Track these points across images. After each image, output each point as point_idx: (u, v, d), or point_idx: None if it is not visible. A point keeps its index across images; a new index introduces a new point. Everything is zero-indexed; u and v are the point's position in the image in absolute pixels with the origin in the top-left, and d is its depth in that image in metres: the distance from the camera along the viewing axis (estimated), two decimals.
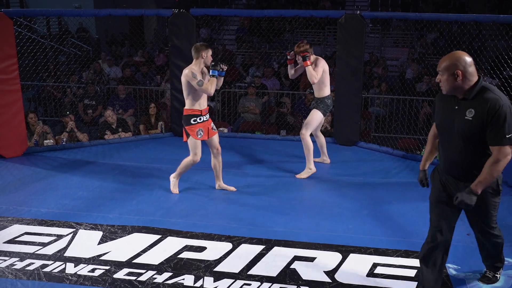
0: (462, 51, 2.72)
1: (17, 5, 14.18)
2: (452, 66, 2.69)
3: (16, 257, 3.60)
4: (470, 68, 2.69)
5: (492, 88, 2.70)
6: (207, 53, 4.58)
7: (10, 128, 5.95)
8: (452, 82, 2.70)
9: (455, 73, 2.68)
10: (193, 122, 4.61)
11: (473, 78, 2.70)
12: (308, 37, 14.06)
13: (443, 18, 8.12)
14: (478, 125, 2.67)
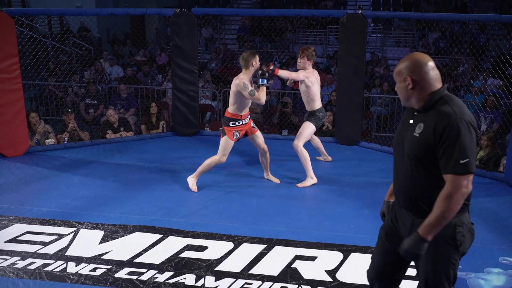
0: (421, 53, 2.23)
1: (18, 4, 14.20)
2: (403, 71, 2.20)
3: (18, 256, 3.61)
4: (426, 74, 2.17)
5: (453, 100, 2.15)
6: (256, 61, 4.70)
7: (12, 127, 5.96)
8: (404, 90, 2.22)
9: (405, 79, 2.19)
10: (231, 125, 4.78)
11: (430, 86, 2.17)
12: (310, 36, 14.07)
13: (445, 18, 8.12)
14: (424, 144, 2.13)
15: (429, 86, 2.18)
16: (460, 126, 2.05)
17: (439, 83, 2.20)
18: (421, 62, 2.17)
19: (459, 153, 2.04)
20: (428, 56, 2.21)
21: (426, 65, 2.17)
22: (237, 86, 4.65)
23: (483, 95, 8.10)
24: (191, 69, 6.82)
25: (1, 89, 5.80)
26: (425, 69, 2.17)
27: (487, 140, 5.92)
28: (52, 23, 12.99)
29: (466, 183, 2.09)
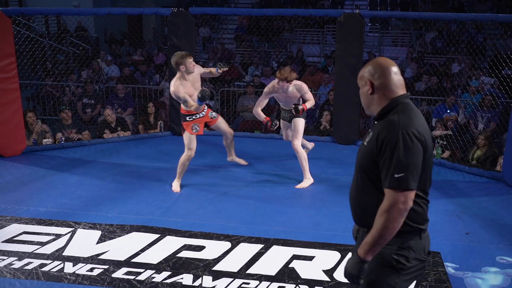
0: (385, 58, 2.12)
1: (15, 3, 14.14)
2: (364, 75, 2.08)
3: (15, 257, 3.60)
4: (386, 79, 2.03)
5: (406, 109, 1.99)
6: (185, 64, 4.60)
7: (9, 127, 5.94)
8: (364, 96, 2.09)
9: (365, 83, 2.07)
10: (188, 119, 4.79)
11: (390, 92, 2.03)
12: (307, 36, 14.06)
13: (442, 17, 8.14)
14: (368, 154, 2.01)
15: (389, 92, 2.04)
16: (399, 137, 1.89)
17: (402, 90, 2.05)
18: (383, 67, 2.04)
19: (395, 166, 1.88)
20: (391, 61, 2.08)
21: (387, 70, 2.04)
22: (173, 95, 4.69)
23: (480, 95, 8.12)
24: None
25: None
26: (386, 73, 2.03)
27: (484, 139, 5.93)
28: (49, 23, 12.95)
29: (404, 200, 1.88)
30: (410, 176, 1.88)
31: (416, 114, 2.00)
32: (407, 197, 1.89)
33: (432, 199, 2.70)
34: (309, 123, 7.81)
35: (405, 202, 1.89)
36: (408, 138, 1.89)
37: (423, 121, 2.02)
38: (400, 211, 1.88)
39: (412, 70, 10.69)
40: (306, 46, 12.55)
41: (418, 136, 1.91)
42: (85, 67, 10.07)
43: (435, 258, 3.61)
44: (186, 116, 4.80)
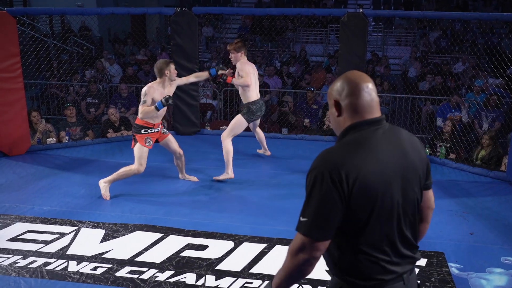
0: (359, 72, 1.75)
1: (20, 3, 14.19)
2: (332, 92, 1.75)
3: (19, 255, 3.62)
4: (355, 99, 1.68)
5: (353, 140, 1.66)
6: (169, 70, 4.62)
7: (13, 126, 5.96)
8: (332, 118, 1.77)
9: (333, 103, 1.74)
10: (143, 132, 4.64)
11: (355, 116, 1.69)
12: (311, 35, 14.05)
13: (446, 17, 8.10)
14: None
15: (355, 115, 1.69)
16: (313, 177, 1.61)
17: (370, 114, 1.69)
18: (353, 83, 1.70)
19: (302, 208, 1.65)
20: (365, 76, 1.72)
21: (357, 87, 1.69)
22: (142, 92, 4.60)
23: (484, 94, 8.09)
24: (191, 68, 6.81)
25: (3, 88, 5.81)
26: (355, 91, 1.68)
27: (488, 139, 5.91)
28: (54, 23, 12.99)
29: (302, 246, 1.63)
30: (314, 224, 1.60)
31: (369, 149, 1.63)
32: (307, 246, 1.62)
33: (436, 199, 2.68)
34: (312, 122, 7.81)
35: (305, 251, 1.63)
36: (320, 180, 1.58)
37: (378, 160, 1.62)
38: (298, 259, 1.65)
39: (416, 69, 10.67)
40: (309, 46, 12.54)
41: (339, 181, 1.57)
42: (89, 66, 10.10)
43: (439, 258, 3.61)
44: (141, 129, 4.63)
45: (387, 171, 1.64)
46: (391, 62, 11.78)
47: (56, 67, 9.79)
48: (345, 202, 1.59)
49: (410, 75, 10.58)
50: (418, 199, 1.77)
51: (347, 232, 1.66)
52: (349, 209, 1.60)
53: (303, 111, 8.01)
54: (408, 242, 1.74)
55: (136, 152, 4.64)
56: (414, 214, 1.76)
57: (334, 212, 1.59)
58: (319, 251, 1.64)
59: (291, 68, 10.80)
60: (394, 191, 1.65)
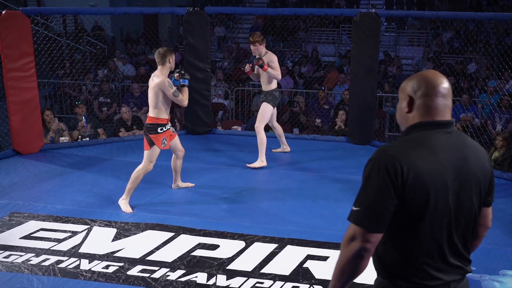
0: (436, 72, 1.73)
1: (34, 3, 14.34)
2: (406, 87, 1.73)
3: (32, 253, 3.65)
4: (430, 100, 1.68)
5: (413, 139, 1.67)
6: (173, 58, 4.39)
7: (27, 125, 6.02)
8: (400, 112, 1.77)
9: (405, 98, 1.73)
10: (159, 131, 4.37)
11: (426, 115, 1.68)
12: (323, 35, 14.01)
13: (460, 17, 8.04)
14: None
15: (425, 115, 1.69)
16: (370, 167, 1.63)
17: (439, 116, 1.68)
18: (431, 84, 1.69)
19: (356, 198, 1.66)
20: (442, 77, 1.70)
21: (435, 88, 1.68)
22: (160, 86, 4.26)
23: (498, 95, 8.00)
24: (203, 68, 6.83)
25: (17, 87, 5.87)
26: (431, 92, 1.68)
27: (502, 140, 5.85)
28: (67, 22, 13.11)
29: (353, 237, 1.64)
30: (366, 214, 1.62)
31: (428, 149, 1.64)
32: (358, 235, 1.63)
33: None
34: (324, 122, 7.79)
35: (356, 240, 1.63)
36: (376, 171, 1.60)
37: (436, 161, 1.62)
38: (349, 249, 1.64)
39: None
40: (321, 46, 12.51)
41: (394, 173, 1.57)
42: (102, 66, 10.17)
43: None
44: (158, 127, 4.36)
45: (444, 174, 1.63)
46: (404, 63, 11.70)
47: (69, 67, 9.88)
48: (398, 196, 1.59)
49: None
50: (476, 212, 1.72)
51: (396, 230, 1.65)
52: (401, 203, 1.60)
53: (314, 111, 7.98)
54: (457, 252, 1.70)
55: (149, 153, 4.40)
56: (468, 224, 1.71)
57: (387, 204, 1.59)
58: (370, 243, 1.63)
59: (303, 68, 10.77)
60: (449, 196, 1.64)
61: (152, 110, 4.39)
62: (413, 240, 1.64)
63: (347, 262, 1.66)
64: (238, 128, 7.58)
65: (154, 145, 4.38)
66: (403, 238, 1.66)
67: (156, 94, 4.33)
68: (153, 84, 4.32)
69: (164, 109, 4.40)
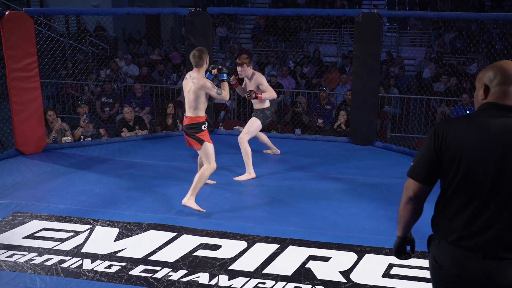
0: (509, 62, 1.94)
1: (37, 4, 14.38)
2: (482, 78, 1.97)
3: (35, 252, 3.66)
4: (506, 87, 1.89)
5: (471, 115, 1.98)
6: (208, 58, 4.43)
7: (30, 125, 6.04)
8: (477, 100, 2.01)
9: (481, 87, 1.97)
10: (203, 128, 4.42)
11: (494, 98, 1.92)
12: (325, 36, 14.02)
13: (462, 17, 8.03)
14: None
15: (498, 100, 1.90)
16: (428, 133, 1.99)
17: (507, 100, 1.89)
18: (507, 73, 1.90)
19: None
20: None
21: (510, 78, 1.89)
22: (203, 88, 4.31)
23: None
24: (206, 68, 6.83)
25: (20, 87, 5.88)
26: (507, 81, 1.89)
27: None
28: (70, 23, 13.14)
29: (406, 185, 2.02)
30: (414, 166, 2.00)
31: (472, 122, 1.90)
32: (412, 184, 2.00)
33: None
34: (325, 123, 7.79)
35: (410, 190, 2.01)
36: (429, 135, 1.96)
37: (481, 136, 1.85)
38: (405, 197, 2.03)
39: (431, 70, 10.58)
40: (323, 46, 12.51)
41: (438, 133, 1.92)
42: (104, 66, 10.20)
43: None
44: (202, 125, 4.39)
45: (486, 148, 1.85)
46: (406, 63, 11.70)
47: (72, 67, 9.90)
48: (438, 155, 1.92)
49: (424, 76, 10.50)
50: None
51: (442, 191, 1.98)
52: (440, 163, 1.92)
53: (316, 111, 7.99)
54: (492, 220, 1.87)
55: (204, 152, 4.40)
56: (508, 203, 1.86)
57: (429, 160, 1.95)
58: (415, 192, 1.99)
59: (305, 68, 10.78)
60: (489, 169, 1.84)
61: (193, 110, 4.41)
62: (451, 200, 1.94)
63: (401, 207, 2.07)
64: (240, 128, 7.58)
65: (204, 142, 4.41)
66: (444, 198, 1.97)
67: (199, 96, 4.36)
68: (195, 86, 4.34)
69: (203, 108, 4.45)
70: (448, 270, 1.95)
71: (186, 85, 4.44)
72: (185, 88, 4.45)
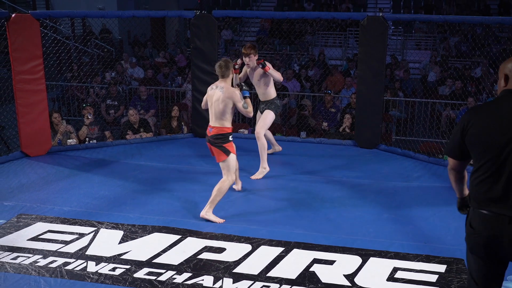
0: None
1: (43, 7, 14.46)
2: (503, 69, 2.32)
3: (40, 255, 3.67)
4: None
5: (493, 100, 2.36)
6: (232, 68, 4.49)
7: (35, 127, 6.06)
8: (499, 87, 2.36)
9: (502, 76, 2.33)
10: (231, 138, 4.37)
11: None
12: (330, 39, 14.02)
13: (467, 21, 8.01)
14: None
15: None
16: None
17: None
18: None
19: None
20: None
21: None
22: (232, 97, 4.28)
23: None
24: (210, 71, 6.83)
25: (26, 89, 5.91)
26: None
27: None
28: (75, 25, 13.19)
29: (449, 161, 2.48)
30: (448, 145, 2.48)
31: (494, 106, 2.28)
32: (448, 159, 2.48)
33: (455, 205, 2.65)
34: (330, 126, 7.78)
35: (449, 163, 2.49)
36: (459, 120, 2.35)
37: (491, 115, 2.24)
38: (448, 168, 2.52)
39: (436, 74, 10.55)
40: (328, 49, 12.51)
41: (465, 120, 2.30)
42: (109, 69, 10.23)
43: (458, 265, 3.56)
44: (229, 136, 4.34)
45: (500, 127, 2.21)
46: (411, 66, 11.67)
47: (77, 69, 9.94)
48: (462, 136, 2.33)
49: (430, 80, 10.47)
50: None
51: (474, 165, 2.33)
52: (464, 142, 2.33)
53: (321, 114, 7.98)
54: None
55: (227, 163, 4.33)
56: None
57: (456, 140, 2.37)
58: (450, 165, 2.48)
59: (310, 71, 10.78)
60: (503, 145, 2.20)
61: (219, 121, 4.35)
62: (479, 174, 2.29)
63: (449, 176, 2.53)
64: (244, 131, 7.58)
65: (230, 154, 4.35)
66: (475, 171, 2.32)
67: (227, 105, 4.32)
68: (225, 95, 4.30)
69: (230, 119, 4.40)
70: (481, 233, 2.26)
71: (213, 95, 4.35)
72: (212, 98, 4.36)
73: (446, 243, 3.93)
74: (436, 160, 6.06)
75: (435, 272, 3.46)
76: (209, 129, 4.41)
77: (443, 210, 4.56)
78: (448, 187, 5.29)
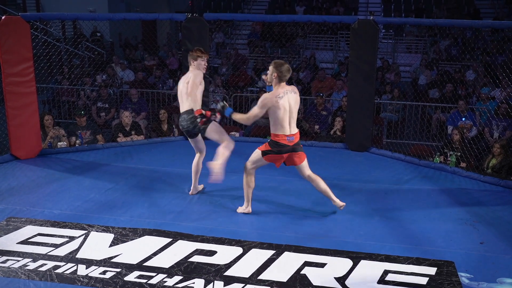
0: None
1: (33, 9, 14.38)
2: None
3: (29, 258, 3.64)
4: None
5: None
6: None
7: (25, 130, 6.02)
8: None
9: None
10: None
11: None
12: (321, 42, 14.07)
13: (457, 24, 8.08)
14: None
15: None
16: None
17: None
18: None
19: None
20: None
21: None
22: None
23: (495, 102, 8.04)
24: None
25: (16, 92, 5.87)
26: None
27: (499, 147, 5.87)
28: (66, 28, 13.13)
29: None
30: None
31: None
32: None
33: (446, 207, 2.66)
34: (321, 129, 7.80)
35: None
36: None
37: None
38: None
39: (426, 77, 10.62)
40: (320, 52, 12.56)
41: None
42: (100, 71, 10.19)
43: (449, 267, 3.58)
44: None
45: None
46: (401, 69, 11.75)
47: (68, 72, 9.89)
48: None
49: (420, 83, 10.54)
50: None
51: None
52: None
53: (312, 117, 8.00)
54: None
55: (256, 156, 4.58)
56: None
57: None
58: None
59: (301, 74, 10.80)
60: None
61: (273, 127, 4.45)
62: None
63: None
64: (236, 134, 7.58)
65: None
66: None
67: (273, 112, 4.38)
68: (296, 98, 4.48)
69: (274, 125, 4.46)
70: None
71: (290, 99, 4.36)
72: (291, 103, 4.37)
73: (436, 246, 3.96)
74: (426, 162, 6.10)
75: (426, 275, 3.48)
76: (289, 138, 4.26)
77: (434, 212, 4.59)
78: (438, 189, 5.33)
